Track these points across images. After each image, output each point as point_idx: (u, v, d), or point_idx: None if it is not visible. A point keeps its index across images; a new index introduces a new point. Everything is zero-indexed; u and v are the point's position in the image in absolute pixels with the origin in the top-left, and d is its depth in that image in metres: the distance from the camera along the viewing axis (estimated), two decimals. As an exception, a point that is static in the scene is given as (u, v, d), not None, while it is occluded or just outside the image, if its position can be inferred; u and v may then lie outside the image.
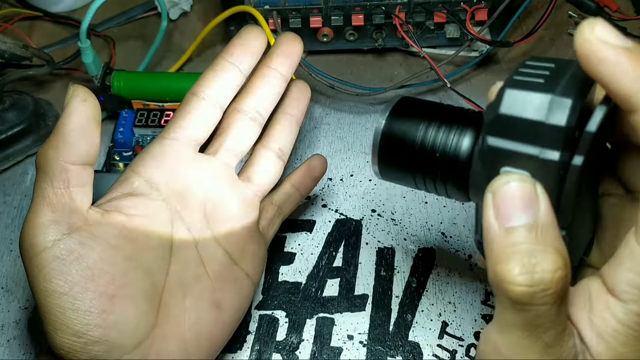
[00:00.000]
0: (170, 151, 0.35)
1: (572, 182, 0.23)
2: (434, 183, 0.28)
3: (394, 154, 0.29)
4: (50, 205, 0.30)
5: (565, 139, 0.22)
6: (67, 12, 0.57)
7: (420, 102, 0.29)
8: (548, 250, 0.22)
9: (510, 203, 0.23)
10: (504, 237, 0.23)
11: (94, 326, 0.29)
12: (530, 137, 0.23)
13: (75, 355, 0.29)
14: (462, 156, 0.26)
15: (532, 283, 0.22)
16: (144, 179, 0.34)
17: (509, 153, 0.24)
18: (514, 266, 0.22)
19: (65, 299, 0.29)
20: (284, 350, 0.38)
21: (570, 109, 0.22)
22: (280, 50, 0.39)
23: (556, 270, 0.22)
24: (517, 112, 0.23)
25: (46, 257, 0.29)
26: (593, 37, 0.22)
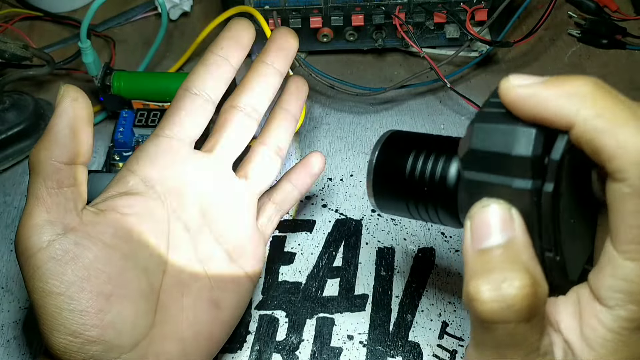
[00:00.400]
0: (165, 149, 0.35)
1: (547, 208, 0.24)
2: (427, 211, 0.29)
3: (387, 186, 0.30)
4: (44, 206, 0.30)
5: (532, 168, 0.23)
6: (67, 12, 0.57)
7: (409, 135, 0.31)
8: (517, 268, 0.23)
9: (485, 226, 0.24)
10: (477, 257, 0.24)
11: (90, 326, 0.29)
12: (501, 169, 0.24)
13: (72, 356, 0.29)
14: (449, 184, 0.28)
15: (497, 299, 0.22)
16: (139, 178, 0.34)
17: (485, 185, 0.25)
18: (481, 283, 0.23)
19: (62, 299, 0.29)
20: (284, 350, 0.38)
21: (535, 138, 0.23)
22: (275, 45, 0.39)
23: (523, 287, 0.22)
24: (486, 146, 0.24)
25: (41, 257, 0.29)
26: (509, 85, 0.24)
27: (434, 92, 0.51)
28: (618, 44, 0.52)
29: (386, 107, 0.50)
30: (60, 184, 0.30)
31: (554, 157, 0.24)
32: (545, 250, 0.24)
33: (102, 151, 0.48)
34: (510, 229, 0.23)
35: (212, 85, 0.36)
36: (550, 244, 0.24)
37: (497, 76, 0.52)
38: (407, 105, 0.50)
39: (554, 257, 0.24)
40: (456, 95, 0.49)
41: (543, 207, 0.24)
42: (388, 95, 0.50)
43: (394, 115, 0.50)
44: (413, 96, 0.51)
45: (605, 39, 0.52)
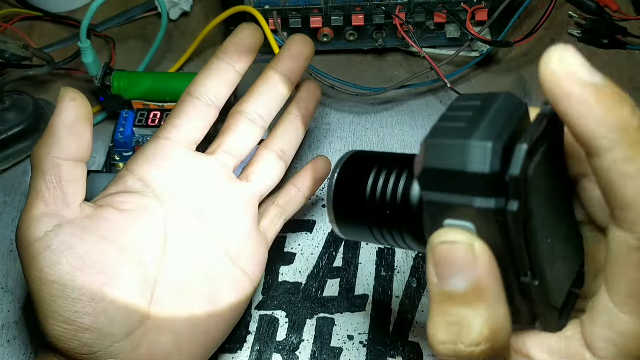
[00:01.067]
0: (165, 151, 0.36)
1: (514, 229, 0.21)
2: (392, 235, 0.26)
3: (348, 211, 0.28)
4: (43, 199, 0.31)
5: (493, 185, 0.21)
6: (67, 12, 0.57)
7: (370, 154, 0.28)
8: (477, 319, 0.21)
9: (446, 264, 0.22)
10: (439, 298, 0.22)
11: (83, 313, 0.30)
12: (460, 187, 0.21)
13: (66, 343, 0.30)
14: (412, 205, 0.25)
15: (452, 354, 0.22)
16: (137, 178, 0.35)
17: (446, 205, 0.22)
18: (439, 332, 0.22)
19: (56, 287, 0.30)
20: (284, 350, 0.38)
21: (491, 153, 0.21)
22: (288, 53, 0.39)
23: (479, 343, 0.21)
24: (441, 164, 0.22)
25: (38, 247, 0.30)
26: (560, 69, 0.20)
27: (434, 92, 0.51)
28: (618, 44, 0.52)
29: (386, 107, 0.50)
30: (59, 178, 0.32)
31: (512, 172, 0.21)
32: (521, 275, 0.22)
33: (102, 151, 0.48)
34: (473, 270, 0.21)
35: (215, 90, 0.37)
36: (524, 267, 0.22)
37: (497, 76, 0.52)
38: (407, 105, 0.50)
39: (530, 281, 0.22)
40: (456, 95, 0.49)
41: (510, 229, 0.21)
42: (388, 95, 0.50)
43: (394, 115, 0.50)
44: (413, 96, 0.51)
45: (605, 38, 0.52)
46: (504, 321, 0.22)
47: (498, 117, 0.22)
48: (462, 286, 0.22)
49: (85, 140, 0.32)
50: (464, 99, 0.23)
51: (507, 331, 0.22)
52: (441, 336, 0.22)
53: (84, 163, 0.33)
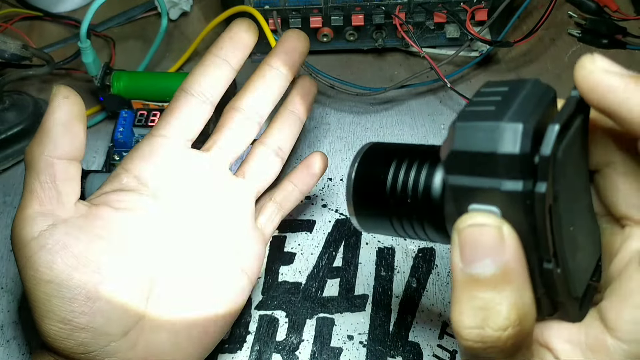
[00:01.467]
0: (160, 148, 0.35)
1: (541, 211, 0.21)
2: (413, 227, 0.26)
3: (368, 203, 0.27)
4: (37, 199, 0.31)
5: (522, 167, 0.21)
6: (67, 12, 0.57)
7: (389, 146, 0.28)
8: (503, 304, 0.21)
9: (473, 247, 0.22)
10: (464, 283, 0.22)
11: (79, 313, 0.30)
12: (488, 170, 0.22)
13: (62, 342, 0.30)
14: (434, 195, 0.25)
15: (478, 339, 0.21)
16: (132, 175, 0.35)
17: (472, 190, 0.22)
18: (465, 317, 0.22)
19: (51, 286, 0.30)
20: (284, 351, 0.38)
21: (522, 134, 0.21)
22: (283, 48, 0.38)
23: (507, 328, 0.21)
24: (470, 146, 0.22)
25: (33, 246, 0.30)
26: (596, 68, 0.21)
27: (434, 92, 0.51)
28: (618, 44, 0.52)
29: (386, 107, 0.50)
30: (53, 178, 0.31)
31: (544, 152, 0.21)
32: (545, 261, 0.22)
33: (102, 151, 0.48)
34: (500, 255, 0.21)
35: (210, 86, 0.37)
36: (548, 254, 0.22)
37: (497, 76, 0.52)
38: (407, 105, 0.50)
39: (554, 269, 0.22)
40: (456, 95, 0.49)
41: (537, 212, 0.21)
42: (388, 95, 0.50)
43: (394, 115, 0.50)
44: (413, 96, 0.51)
45: (605, 38, 0.52)
46: (530, 307, 0.22)
47: (527, 101, 0.22)
48: (490, 270, 0.21)
49: (79, 138, 0.32)
50: (492, 85, 0.24)
51: (533, 317, 0.22)
52: (467, 321, 0.21)
53: (79, 162, 0.33)
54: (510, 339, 0.21)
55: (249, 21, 0.38)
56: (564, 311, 0.24)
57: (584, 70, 0.22)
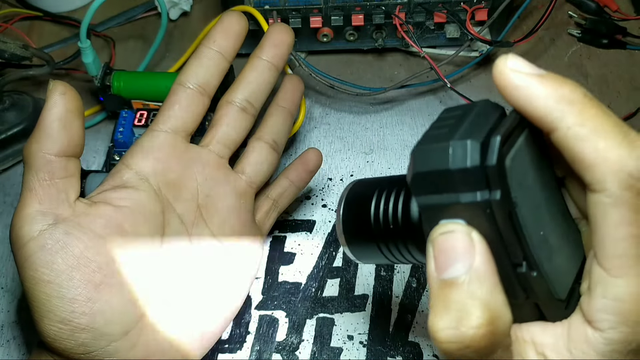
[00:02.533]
0: (160, 143, 0.35)
1: (501, 217, 0.23)
2: (399, 251, 0.28)
3: (357, 237, 0.29)
4: (36, 197, 0.31)
5: (474, 178, 0.22)
6: (67, 12, 0.57)
7: (370, 181, 0.30)
8: (475, 305, 0.22)
9: (445, 254, 0.23)
10: (439, 289, 0.23)
11: (80, 313, 0.30)
12: (447, 187, 0.23)
13: (62, 343, 0.30)
14: (413, 219, 0.27)
15: (453, 339, 0.22)
16: (133, 171, 0.34)
17: (438, 206, 0.24)
18: (439, 320, 0.22)
19: (51, 287, 0.30)
20: (284, 351, 0.38)
21: (470, 148, 0.22)
22: (270, 41, 0.39)
23: (479, 327, 0.22)
24: (428, 166, 0.23)
25: (32, 246, 0.30)
26: (506, 68, 0.23)
27: (434, 92, 0.51)
28: (618, 44, 0.52)
29: (386, 107, 0.50)
30: (52, 175, 0.31)
31: (489, 163, 0.22)
32: (516, 265, 0.23)
33: (102, 151, 0.48)
34: (471, 257, 0.22)
35: (205, 79, 0.37)
36: (518, 257, 0.23)
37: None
38: (407, 105, 0.50)
39: (527, 272, 0.23)
40: (456, 95, 0.49)
41: (497, 218, 0.22)
42: (388, 95, 0.50)
43: (394, 115, 0.50)
44: (413, 96, 0.51)
45: (605, 38, 0.52)
46: (502, 308, 0.22)
47: (477, 120, 0.24)
48: (462, 272, 0.22)
49: (77, 135, 0.32)
50: (448, 111, 0.25)
51: (506, 319, 0.22)
52: (442, 323, 0.22)
53: (77, 158, 0.32)
54: (484, 338, 0.22)
55: (239, 13, 0.39)
56: (547, 312, 0.25)
57: (496, 70, 0.23)
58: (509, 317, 0.23)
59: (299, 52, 0.51)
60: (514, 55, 0.23)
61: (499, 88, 0.23)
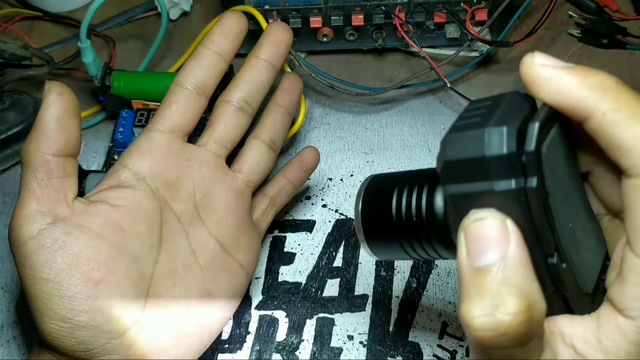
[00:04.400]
0: (157, 142, 0.36)
1: (536, 205, 0.22)
2: (422, 247, 0.28)
3: (377, 232, 0.29)
4: (35, 197, 0.31)
5: (510, 165, 0.22)
6: (67, 12, 0.57)
7: (389, 175, 0.30)
8: (511, 292, 0.21)
9: (479, 241, 0.23)
10: (471, 276, 0.22)
11: (79, 311, 0.30)
12: (481, 174, 0.23)
13: (62, 341, 0.30)
14: (438, 214, 0.26)
15: (489, 327, 0.21)
16: (131, 171, 0.35)
17: (469, 195, 0.23)
18: (474, 307, 0.22)
19: (51, 285, 0.30)
20: (284, 351, 0.38)
21: (506, 135, 0.22)
22: (268, 40, 0.39)
23: (516, 313, 0.21)
24: (461, 154, 0.23)
25: (32, 245, 0.30)
26: (534, 63, 0.23)
27: (434, 92, 0.51)
28: (618, 44, 0.52)
29: (386, 107, 0.50)
30: (50, 175, 0.31)
31: (528, 149, 0.22)
32: (548, 255, 0.23)
33: (102, 151, 0.48)
34: (505, 244, 0.22)
35: (203, 79, 0.37)
36: (550, 248, 0.23)
37: (497, 76, 0.52)
38: (407, 105, 0.50)
39: (558, 263, 0.23)
40: (456, 95, 0.49)
41: (532, 206, 0.22)
42: (388, 95, 0.50)
43: (394, 115, 0.50)
44: (413, 96, 0.51)
45: (605, 38, 0.52)
46: (538, 296, 0.22)
47: (509, 109, 0.24)
48: (496, 259, 0.22)
49: (74, 135, 0.32)
50: (476, 102, 0.25)
51: (542, 307, 0.22)
52: (477, 310, 0.22)
53: (75, 158, 0.33)
54: (521, 326, 0.21)
55: (239, 13, 0.39)
56: (575, 306, 0.24)
57: (524, 66, 0.23)
58: (544, 305, 0.22)
59: (299, 52, 0.51)
60: (539, 52, 0.24)
61: (528, 83, 0.24)
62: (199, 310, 0.34)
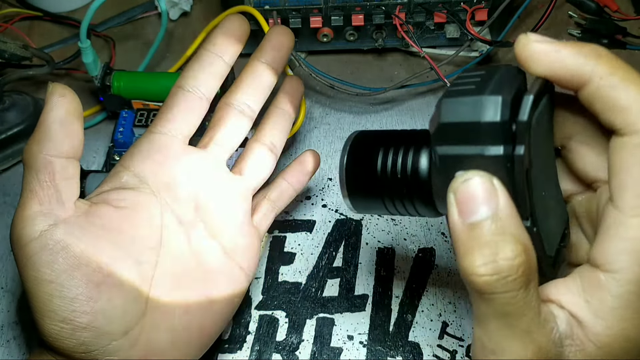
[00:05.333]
0: (158, 145, 0.36)
1: (520, 172, 0.24)
2: (403, 204, 0.29)
3: (360, 186, 0.30)
4: (37, 198, 0.31)
5: (502, 132, 0.24)
6: (67, 12, 0.57)
7: (375, 133, 0.31)
8: (507, 239, 0.23)
9: (469, 200, 0.24)
10: (467, 232, 0.24)
11: (81, 313, 0.30)
12: (472, 139, 0.24)
13: (63, 342, 0.30)
14: (422, 173, 0.28)
15: (493, 272, 0.23)
16: (132, 173, 0.35)
17: (459, 157, 0.25)
18: (476, 258, 0.23)
19: (53, 286, 0.30)
20: (284, 351, 0.38)
21: (501, 104, 0.24)
22: (269, 43, 0.39)
23: (515, 257, 0.23)
24: (456, 118, 0.25)
25: (34, 247, 0.30)
26: (530, 40, 0.25)
27: (434, 92, 0.51)
28: (618, 44, 0.52)
29: (386, 107, 0.50)
30: (53, 177, 0.31)
31: (521, 118, 0.24)
32: (523, 219, 0.24)
33: (102, 151, 0.48)
34: (495, 200, 0.24)
35: (205, 82, 0.37)
36: (527, 212, 0.25)
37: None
38: (407, 105, 0.50)
39: (531, 227, 0.25)
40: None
41: (516, 173, 0.24)
42: (388, 95, 0.50)
43: (394, 115, 0.50)
44: (413, 96, 0.51)
45: (605, 39, 0.52)
46: (529, 243, 0.24)
47: (502, 80, 0.25)
48: (488, 215, 0.23)
49: (77, 137, 0.32)
50: (469, 71, 0.27)
51: (534, 253, 0.24)
52: (479, 260, 0.23)
53: (77, 160, 0.33)
54: (521, 267, 0.23)
55: (241, 16, 0.39)
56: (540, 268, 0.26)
57: (520, 44, 0.25)
58: (534, 253, 0.24)
59: (299, 52, 0.51)
60: (532, 32, 0.26)
61: (524, 60, 0.25)
62: (198, 312, 0.34)
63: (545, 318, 0.24)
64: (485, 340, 0.25)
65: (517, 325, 0.24)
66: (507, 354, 0.24)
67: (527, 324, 0.24)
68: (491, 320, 0.24)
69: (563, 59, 0.25)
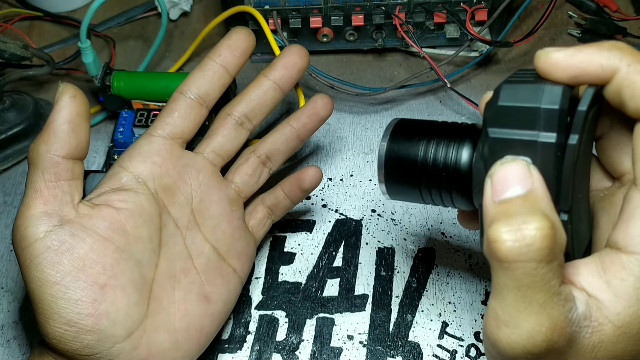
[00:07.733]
0: (157, 147, 0.36)
1: (569, 162, 0.25)
2: (440, 195, 0.30)
3: (398, 173, 0.31)
4: (41, 198, 0.31)
5: (560, 121, 0.24)
6: (67, 12, 0.57)
7: (417, 122, 0.32)
8: (535, 214, 0.23)
9: (505, 179, 0.25)
10: (497, 207, 0.24)
11: (85, 315, 0.30)
12: (528, 123, 0.25)
13: (67, 344, 0.30)
14: (463, 165, 0.29)
15: (516, 239, 0.23)
16: (132, 175, 0.35)
17: (510, 141, 0.25)
18: (501, 226, 0.23)
19: (57, 288, 0.30)
20: (284, 351, 0.38)
21: (562, 94, 0.25)
22: (281, 62, 0.39)
23: (541, 228, 0.23)
24: (515, 102, 0.25)
25: (38, 247, 0.30)
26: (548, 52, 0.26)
27: (434, 92, 0.51)
28: (618, 44, 0.52)
29: (386, 107, 0.50)
30: (58, 177, 0.31)
31: (581, 108, 0.24)
32: (562, 211, 0.25)
33: (102, 151, 0.48)
34: (529, 182, 0.24)
35: (207, 91, 0.38)
36: (567, 205, 0.25)
37: (497, 76, 0.52)
38: (407, 105, 0.50)
39: (567, 222, 0.25)
40: (456, 95, 0.49)
41: (565, 162, 0.24)
42: (388, 95, 0.50)
43: (394, 115, 0.50)
44: (413, 96, 0.51)
45: (605, 39, 0.52)
46: (559, 224, 0.24)
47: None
48: (520, 192, 0.24)
49: (84, 138, 0.32)
50: (524, 69, 0.28)
51: (563, 234, 0.24)
52: (504, 229, 0.23)
53: (82, 161, 0.33)
54: (546, 240, 0.23)
55: (248, 30, 0.39)
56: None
57: (541, 58, 0.26)
58: (565, 236, 0.24)
59: (299, 52, 0.51)
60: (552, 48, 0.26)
61: (550, 68, 0.26)
62: (197, 313, 0.34)
63: (566, 297, 0.24)
64: (499, 311, 0.24)
65: (534, 299, 0.23)
66: (520, 327, 0.24)
67: (545, 299, 0.23)
68: (509, 292, 0.24)
69: (589, 57, 0.25)
